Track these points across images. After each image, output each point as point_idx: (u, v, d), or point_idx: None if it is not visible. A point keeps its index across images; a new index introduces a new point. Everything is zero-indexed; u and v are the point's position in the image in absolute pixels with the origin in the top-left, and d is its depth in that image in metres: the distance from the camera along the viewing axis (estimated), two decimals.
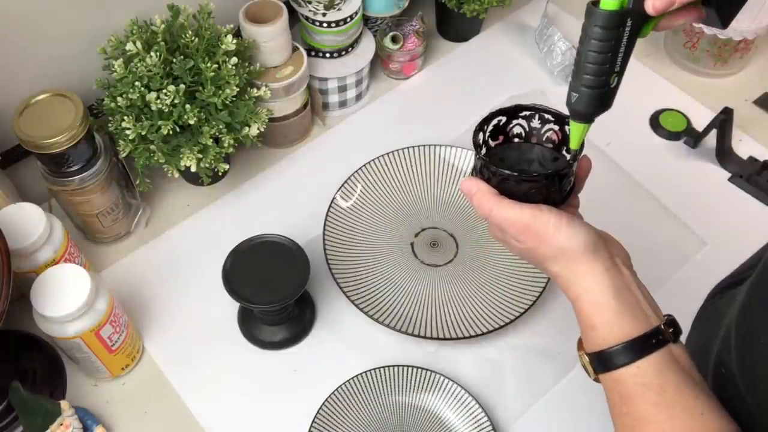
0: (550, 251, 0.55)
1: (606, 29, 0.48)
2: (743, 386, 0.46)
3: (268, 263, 0.77)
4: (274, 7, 0.88)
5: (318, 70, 0.97)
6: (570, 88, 0.52)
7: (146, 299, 0.86)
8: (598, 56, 0.49)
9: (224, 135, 0.82)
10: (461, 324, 0.81)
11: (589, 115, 0.52)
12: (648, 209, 0.94)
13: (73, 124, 0.75)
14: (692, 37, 1.04)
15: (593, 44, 0.49)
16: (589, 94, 0.51)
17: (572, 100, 0.52)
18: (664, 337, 0.51)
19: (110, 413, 0.78)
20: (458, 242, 0.90)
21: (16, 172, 0.87)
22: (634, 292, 0.54)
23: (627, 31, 0.48)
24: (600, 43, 0.48)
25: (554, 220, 0.54)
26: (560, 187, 0.57)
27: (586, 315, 0.53)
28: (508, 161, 0.61)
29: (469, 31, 1.13)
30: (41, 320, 0.70)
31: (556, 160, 0.61)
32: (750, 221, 0.92)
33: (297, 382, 0.81)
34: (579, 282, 0.54)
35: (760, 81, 1.07)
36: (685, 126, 1.01)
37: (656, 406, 0.49)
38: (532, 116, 0.61)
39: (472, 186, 0.57)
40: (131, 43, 0.79)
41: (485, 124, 0.60)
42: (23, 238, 0.72)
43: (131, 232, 0.91)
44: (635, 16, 0.48)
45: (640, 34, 0.49)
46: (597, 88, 0.50)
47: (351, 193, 0.92)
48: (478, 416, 0.76)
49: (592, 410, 0.75)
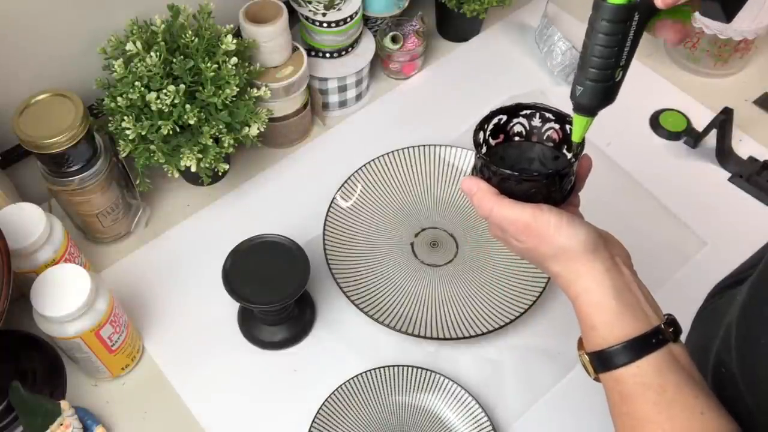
0: (550, 251, 0.55)
1: (613, 23, 0.48)
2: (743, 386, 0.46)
3: (268, 263, 0.77)
4: (274, 7, 0.88)
5: (318, 70, 0.97)
6: (575, 81, 0.52)
7: (146, 299, 0.86)
8: (605, 50, 0.49)
9: (224, 135, 0.82)
10: (461, 324, 0.81)
11: (593, 108, 0.52)
12: (648, 209, 0.94)
13: (73, 124, 0.75)
14: (692, 37, 1.04)
15: (600, 38, 0.49)
16: (593, 87, 0.51)
17: (577, 93, 0.52)
18: (664, 336, 0.51)
19: (110, 413, 0.78)
20: (458, 242, 0.90)
21: (16, 172, 0.87)
22: (635, 291, 0.53)
23: (634, 25, 0.48)
24: (607, 36, 0.48)
25: (555, 220, 0.54)
26: (561, 187, 0.57)
27: (586, 314, 0.53)
28: (508, 160, 0.61)
29: (469, 31, 1.13)
30: (41, 320, 0.70)
31: (556, 158, 0.61)
32: (750, 221, 0.92)
33: (297, 382, 0.81)
34: (579, 282, 0.54)
35: (760, 81, 1.07)
36: (685, 126, 1.01)
37: (656, 406, 0.49)
38: (532, 115, 0.61)
39: (472, 185, 0.57)
40: (131, 43, 0.79)
41: (486, 123, 0.60)
42: (23, 238, 0.72)
43: (131, 232, 0.91)
44: (643, 10, 0.48)
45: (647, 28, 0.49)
46: (602, 81, 0.50)
47: (351, 193, 0.92)
48: (478, 416, 0.76)
49: (592, 410, 0.75)
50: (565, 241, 0.54)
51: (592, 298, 0.53)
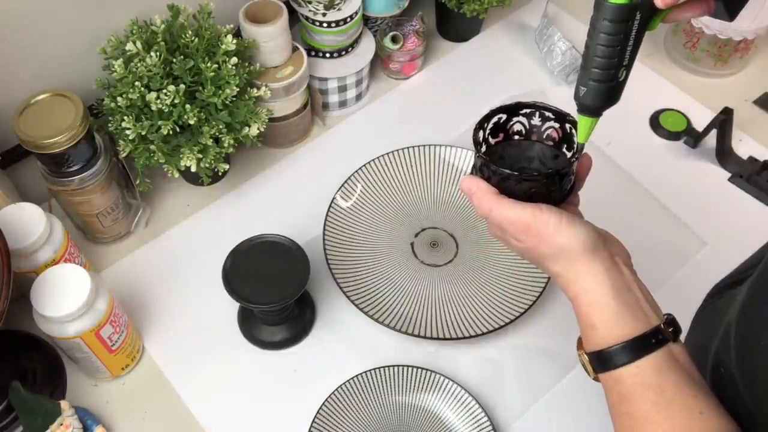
0: (550, 250, 0.55)
1: (615, 23, 0.48)
2: (742, 386, 0.46)
3: (268, 263, 0.77)
4: (274, 7, 0.88)
5: (318, 70, 0.97)
6: (578, 81, 0.52)
7: (146, 299, 0.86)
8: (607, 50, 0.49)
9: (224, 135, 0.82)
10: (461, 324, 0.81)
11: (597, 108, 0.52)
12: (648, 209, 0.94)
13: (73, 124, 0.75)
14: (692, 37, 1.04)
15: (602, 38, 0.49)
16: (597, 87, 0.51)
17: (581, 93, 0.52)
18: (663, 336, 0.51)
19: (110, 413, 0.78)
20: (458, 242, 0.90)
21: (16, 172, 0.87)
22: (634, 291, 0.53)
23: (636, 25, 0.48)
24: (609, 36, 0.48)
25: (554, 220, 0.54)
26: (560, 186, 0.56)
27: (586, 314, 0.53)
28: (508, 159, 0.61)
29: (469, 31, 1.13)
30: (41, 320, 0.70)
31: (556, 157, 0.61)
32: (750, 221, 0.92)
33: (297, 382, 0.81)
34: (578, 281, 0.54)
35: (760, 81, 1.07)
36: (685, 126, 1.01)
37: (655, 406, 0.49)
38: (532, 114, 0.60)
39: (472, 185, 0.57)
40: (131, 43, 0.79)
41: (485, 121, 0.60)
42: (23, 238, 0.72)
43: (131, 232, 0.91)
44: (644, 9, 0.48)
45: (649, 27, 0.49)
46: (605, 81, 0.50)
47: (351, 193, 0.92)
48: (478, 416, 0.76)
49: (592, 410, 0.75)
50: (564, 240, 0.54)
51: (592, 298, 0.53)
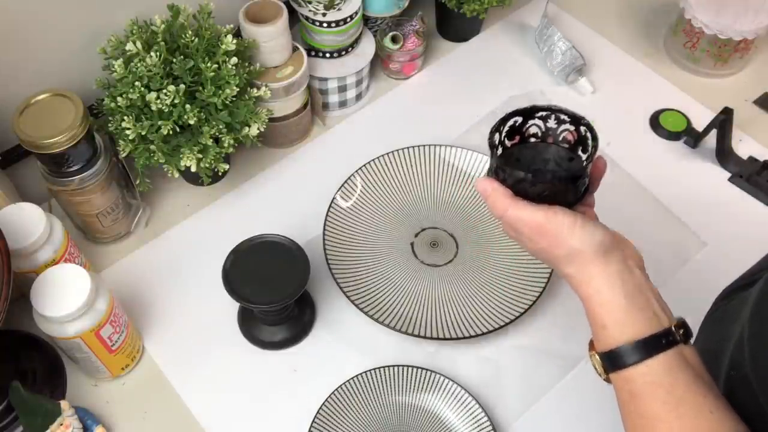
0: (563, 252, 0.55)
1: None
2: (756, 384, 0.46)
3: (268, 263, 0.77)
4: (274, 7, 0.88)
5: (318, 70, 0.97)
6: None
7: (146, 299, 0.86)
8: None
9: (224, 135, 0.82)
10: (461, 324, 0.81)
11: None
12: (648, 209, 0.93)
13: (73, 124, 0.75)
14: (692, 37, 1.04)
15: None
16: None
17: None
18: (674, 338, 0.51)
19: (110, 413, 0.78)
20: (458, 242, 0.90)
21: (16, 172, 0.87)
22: (646, 293, 0.54)
23: None
24: None
25: (568, 222, 0.54)
26: (575, 188, 0.57)
27: (598, 314, 0.54)
28: (523, 160, 0.62)
29: (469, 31, 1.13)
30: (41, 320, 0.70)
31: (571, 160, 0.61)
32: (750, 221, 0.92)
33: (297, 382, 0.81)
34: (591, 283, 0.54)
35: (760, 81, 1.07)
36: (685, 126, 1.01)
37: (665, 405, 0.49)
38: (548, 116, 0.61)
39: (487, 186, 0.58)
40: (131, 43, 0.79)
41: (501, 125, 0.60)
42: (23, 238, 0.72)
43: (131, 232, 0.91)
44: None
45: None
46: None
47: (351, 193, 0.92)
48: (478, 416, 0.76)
49: (592, 410, 0.75)
50: (577, 243, 0.54)
51: (604, 299, 0.53)
